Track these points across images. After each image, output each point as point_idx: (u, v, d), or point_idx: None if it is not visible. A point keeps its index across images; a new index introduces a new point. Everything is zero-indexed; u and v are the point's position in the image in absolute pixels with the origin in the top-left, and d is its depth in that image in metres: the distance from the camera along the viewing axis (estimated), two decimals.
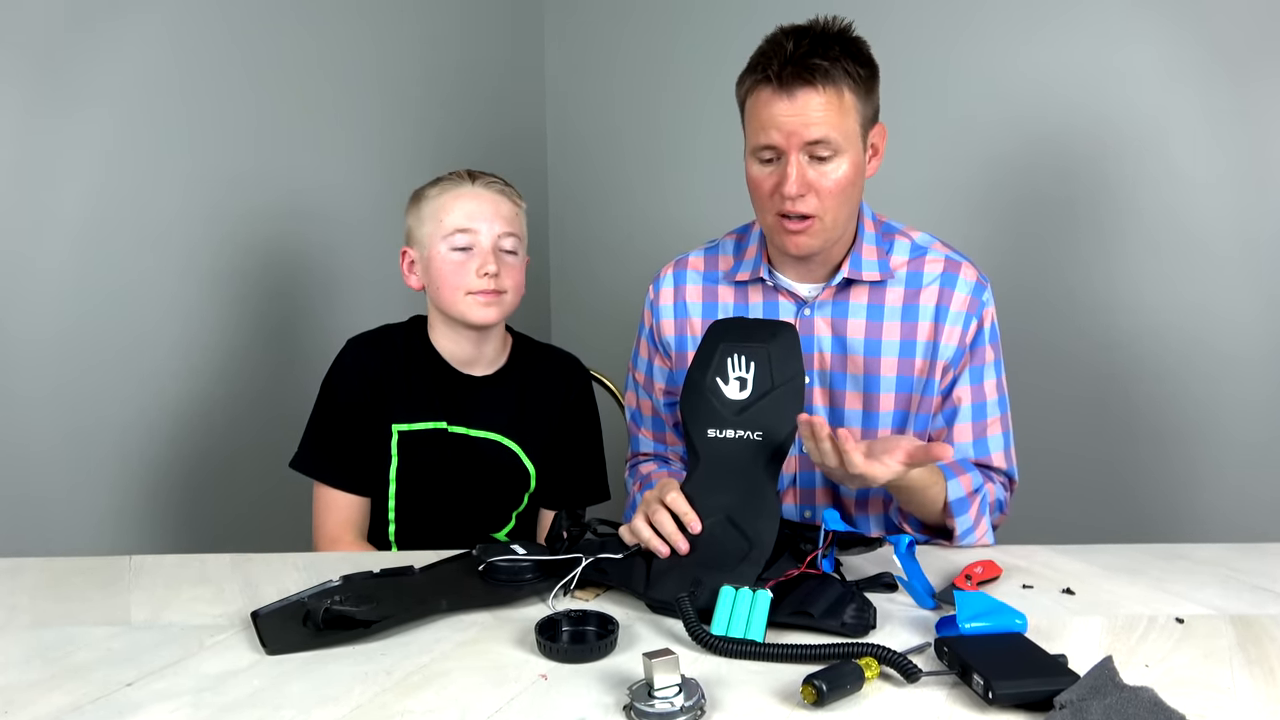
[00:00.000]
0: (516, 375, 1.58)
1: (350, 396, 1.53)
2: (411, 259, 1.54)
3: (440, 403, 1.53)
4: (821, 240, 1.38)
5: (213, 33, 1.85)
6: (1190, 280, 2.06)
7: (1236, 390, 2.03)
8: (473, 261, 1.48)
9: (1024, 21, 2.15)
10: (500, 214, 1.51)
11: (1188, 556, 1.28)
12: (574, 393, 1.62)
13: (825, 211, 1.34)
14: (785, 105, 1.31)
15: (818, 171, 1.33)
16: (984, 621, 1.01)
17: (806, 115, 1.30)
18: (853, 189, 1.36)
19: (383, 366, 1.53)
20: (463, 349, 1.55)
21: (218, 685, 0.96)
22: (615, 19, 2.67)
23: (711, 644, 1.01)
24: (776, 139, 1.32)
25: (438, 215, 1.49)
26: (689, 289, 1.53)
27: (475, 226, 1.48)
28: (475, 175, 1.53)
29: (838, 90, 1.31)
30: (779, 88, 1.31)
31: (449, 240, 1.48)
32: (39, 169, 1.61)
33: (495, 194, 1.51)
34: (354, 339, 1.57)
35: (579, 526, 1.27)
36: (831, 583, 1.12)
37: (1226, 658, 1.01)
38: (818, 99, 1.30)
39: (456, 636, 1.07)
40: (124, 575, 1.24)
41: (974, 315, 1.42)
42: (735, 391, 1.20)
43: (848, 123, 1.32)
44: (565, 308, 2.84)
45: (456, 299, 1.48)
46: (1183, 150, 2.03)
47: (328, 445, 1.53)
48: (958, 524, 1.31)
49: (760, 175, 1.37)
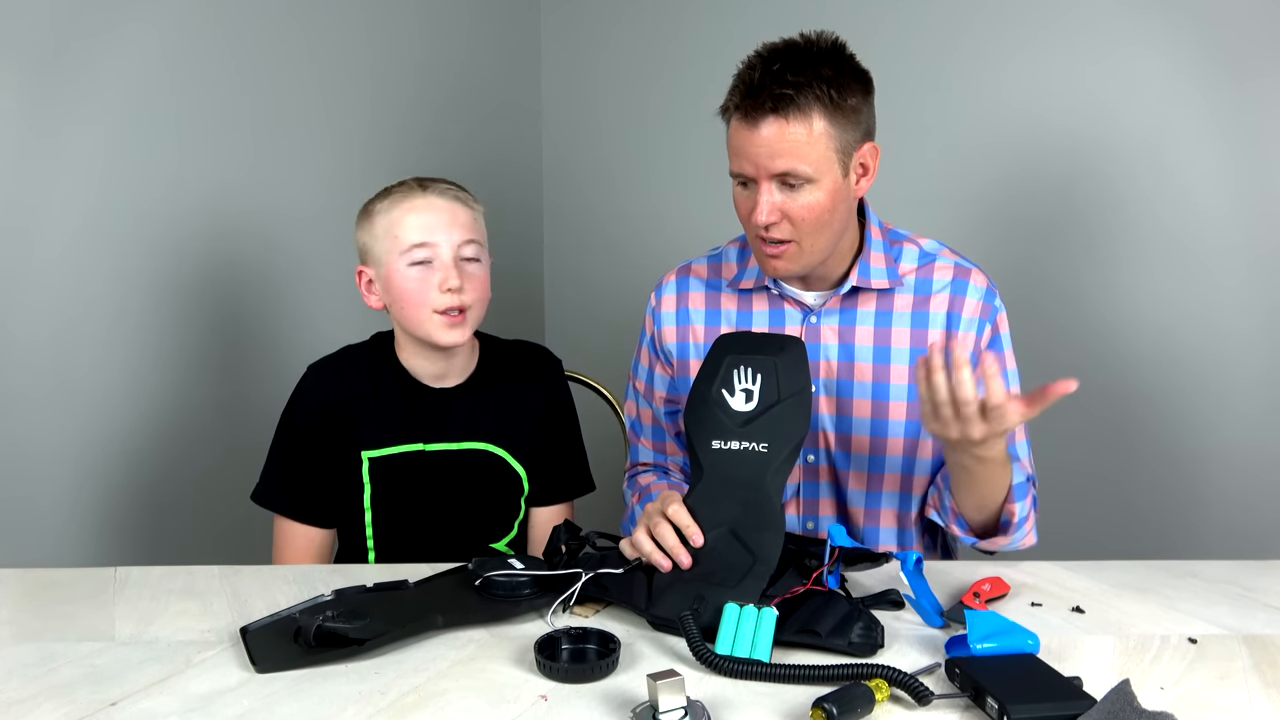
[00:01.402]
0: (490, 378, 1.52)
1: (311, 426, 1.46)
2: (369, 277, 1.46)
3: (413, 423, 1.47)
4: (800, 265, 1.35)
5: (206, 44, 1.83)
6: (1194, 294, 2.04)
7: (1241, 404, 2.02)
8: (434, 276, 1.40)
9: (1022, 32, 2.13)
10: (458, 222, 1.43)
11: (1197, 574, 1.26)
12: (550, 385, 1.56)
13: (801, 237, 1.31)
14: (750, 136, 1.27)
15: (789, 199, 1.29)
16: (996, 642, 0.99)
17: (771, 146, 1.26)
18: (829, 215, 1.31)
19: (346, 392, 1.47)
20: (434, 365, 1.49)
21: (206, 705, 0.93)
22: (612, 27, 2.65)
23: (717, 664, 0.98)
24: (746, 168, 1.30)
25: (391, 230, 1.41)
26: (692, 296, 1.51)
27: (433, 239, 1.40)
28: (426, 183, 1.45)
29: (805, 119, 1.25)
30: (743, 118, 1.28)
31: (407, 256, 1.40)
32: (28, 177, 1.59)
33: (450, 201, 1.43)
34: (314, 365, 1.50)
35: (578, 540, 1.24)
36: (838, 600, 1.09)
37: (1242, 680, 0.99)
38: (783, 129, 1.25)
39: (453, 654, 1.04)
40: (108, 588, 1.21)
41: (988, 321, 1.41)
42: (741, 403, 1.18)
43: (817, 150, 1.27)
44: (560, 314, 2.82)
45: (422, 319, 1.42)
46: (1185, 162, 2.02)
47: (285, 477, 1.48)
48: (1018, 510, 1.28)
49: (740, 198, 1.35)
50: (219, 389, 1.92)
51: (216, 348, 1.91)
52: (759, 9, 2.39)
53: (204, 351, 1.89)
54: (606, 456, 1.63)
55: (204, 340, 1.88)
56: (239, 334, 1.96)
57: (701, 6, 2.50)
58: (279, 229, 2.00)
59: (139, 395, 1.77)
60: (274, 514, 1.49)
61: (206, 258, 1.87)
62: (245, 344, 1.97)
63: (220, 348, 1.92)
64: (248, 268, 1.95)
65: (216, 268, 1.89)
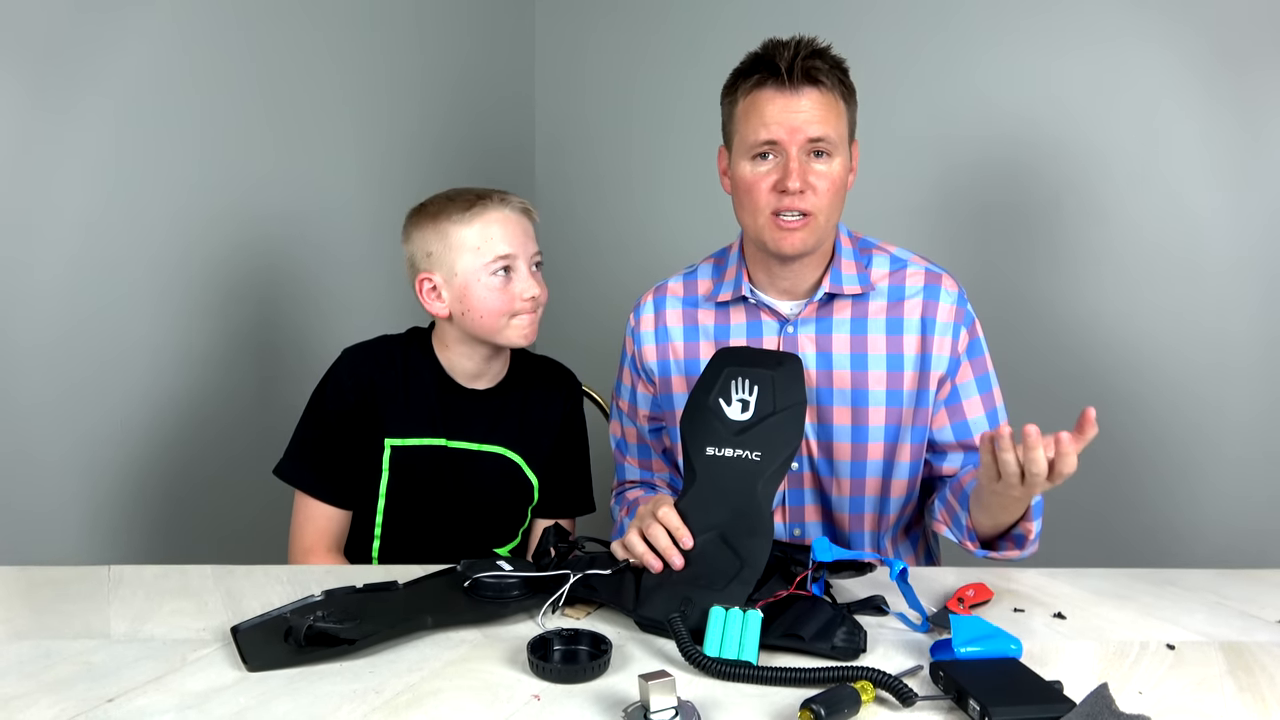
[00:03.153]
0: (517, 388, 1.57)
1: (341, 407, 1.49)
2: (434, 285, 1.48)
3: (440, 418, 1.51)
4: (815, 238, 1.39)
5: (207, 45, 1.84)
6: (1184, 301, 2.05)
7: (1231, 412, 2.04)
8: (514, 285, 1.47)
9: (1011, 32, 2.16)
10: (529, 233, 1.50)
11: (1176, 582, 1.29)
12: (570, 404, 1.62)
13: (820, 210, 1.37)
14: (791, 101, 1.34)
15: (815, 170, 1.36)
16: (979, 646, 1.01)
17: (810, 112, 1.34)
18: (843, 192, 1.40)
19: (378, 378, 1.50)
20: (476, 365, 1.53)
21: (202, 703, 0.94)
22: (604, 36, 2.67)
23: (707, 666, 1.00)
24: (779, 134, 1.35)
25: (473, 243, 1.45)
26: (669, 314, 1.54)
27: (515, 251, 1.46)
28: (501, 196, 1.49)
29: (834, 94, 1.36)
30: (782, 84, 1.34)
31: (491, 267, 1.45)
32: (36, 172, 1.59)
33: (521, 214, 1.50)
34: (350, 349, 1.54)
35: (567, 543, 1.26)
36: (822, 605, 1.11)
37: (1218, 685, 1.01)
38: (820, 98, 1.35)
39: (445, 655, 1.05)
40: (103, 586, 1.22)
41: (962, 324, 1.44)
42: (737, 413, 1.20)
43: (841, 126, 1.38)
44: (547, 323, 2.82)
45: (500, 325, 1.47)
46: (1178, 165, 2.03)
47: (313, 455, 1.50)
48: (1034, 527, 1.30)
49: (756, 175, 1.38)
50: (228, 391, 1.93)
51: (227, 349, 1.93)
52: (750, 14, 2.42)
53: (213, 352, 1.90)
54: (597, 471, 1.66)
55: (207, 340, 1.89)
56: (250, 335, 1.97)
57: (694, 11, 2.53)
58: (284, 227, 2.01)
59: (139, 395, 1.78)
60: (295, 490, 1.51)
61: (215, 257, 1.88)
62: (249, 346, 1.98)
63: (230, 349, 1.93)
64: (257, 267, 1.97)
65: (222, 268, 1.90)
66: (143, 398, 1.79)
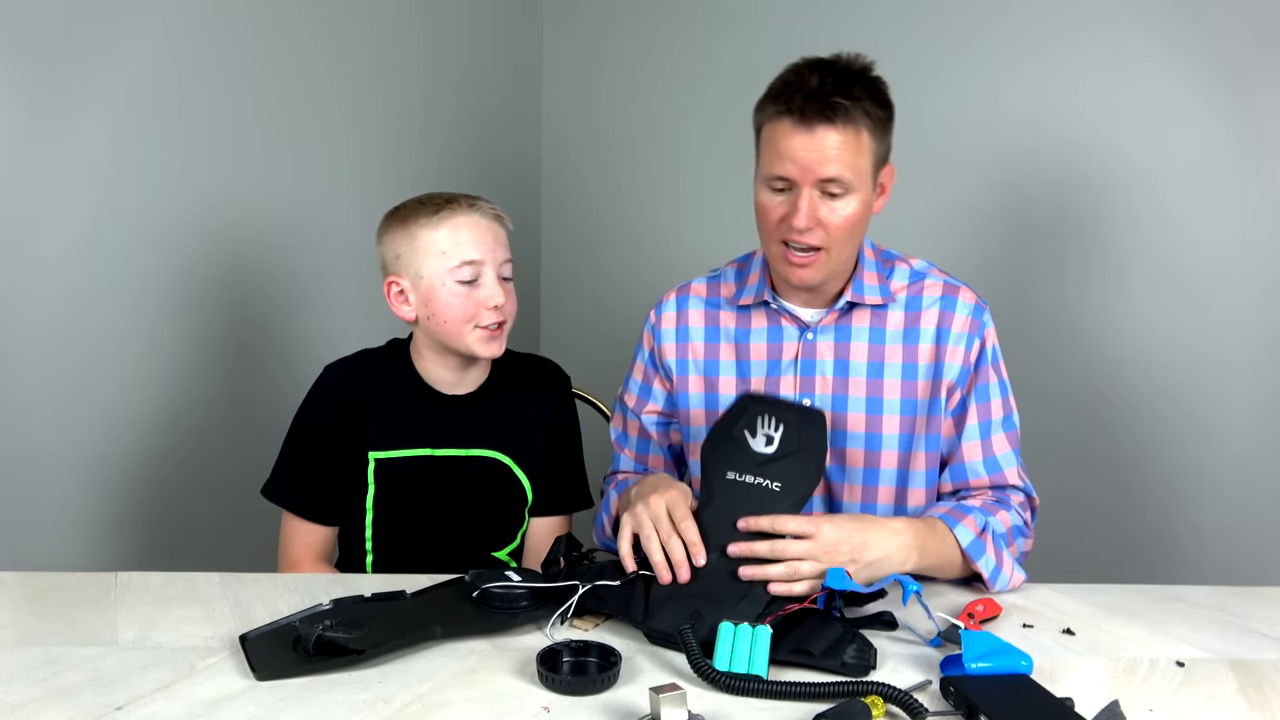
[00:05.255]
0: (500, 388, 1.56)
1: (324, 424, 1.49)
2: (401, 288, 1.47)
3: (424, 428, 1.50)
4: (824, 274, 1.39)
5: (207, 47, 1.84)
6: (1185, 315, 2.06)
7: (1236, 427, 2.04)
8: (479, 293, 1.44)
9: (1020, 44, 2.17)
10: (500, 241, 1.48)
11: (1185, 599, 1.28)
12: (558, 400, 1.59)
13: (831, 246, 1.36)
14: (803, 140, 1.32)
15: (828, 207, 1.34)
16: (990, 661, 1.01)
17: (823, 152, 1.31)
18: (860, 226, 1.38)
19: (360, 393, 1.50)
20: (453, 373, 1.52)
21: (212, 711, 0.94)
22: (612, 36, 2.68)
23: (716, 679, 1.00)
24: (791, 171, 1.33)
25: (439, 247, 1.44)
26: (691, 313, 1.54)
27: (482, 257, 1.45)
28: (470, 201, 1.47)
29: (856, 130, 1.32)
30: (799, 121, 1.31)
31: (456, 273, 1.43)
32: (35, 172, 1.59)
33: (493, 221, 1.48)
34: (330, 365, 1.53)
35: (577, 553, 1.26)
36: (832, 622, 1.11)
37: (1229, 703, 1.01)
38: (836, 137, 1.31)
39: (455, 665, 1.05)
40: (110, 592, 1.21)
41: (975, 335, 1.44)
42: (761, 445, 1.22)
43: (861, 162, 1.33)
44: (556, 324, 2.84)
45: (463, 333, 1.45)
46: (1185, 176, 2.03)
47: (296, 474, 1.51)
48: (981, 567, 1.30)
49: (770, 204, 1.38)
50: (224, 392, 1.92)
51: (222, 352, 1.92)
52: (760, 21, 2.42)
53: (209, 355, 1.90)
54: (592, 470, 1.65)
55: (209, 344, 1.89)
56: (245, 337, 1.97)
57: (702, 19, 2.54)
58: (284, 232, 2.01)
59: (142, 398, 1.78)
60: (282, 510, 1.51)
61: (211, 260, 1.88)
62: (252, 347, 1.98)
63: (226, 351, 1.93)
64: (254, 270, 1.96)
65: (221, 270, 1.90)
66: (148, 401, 1.79)
